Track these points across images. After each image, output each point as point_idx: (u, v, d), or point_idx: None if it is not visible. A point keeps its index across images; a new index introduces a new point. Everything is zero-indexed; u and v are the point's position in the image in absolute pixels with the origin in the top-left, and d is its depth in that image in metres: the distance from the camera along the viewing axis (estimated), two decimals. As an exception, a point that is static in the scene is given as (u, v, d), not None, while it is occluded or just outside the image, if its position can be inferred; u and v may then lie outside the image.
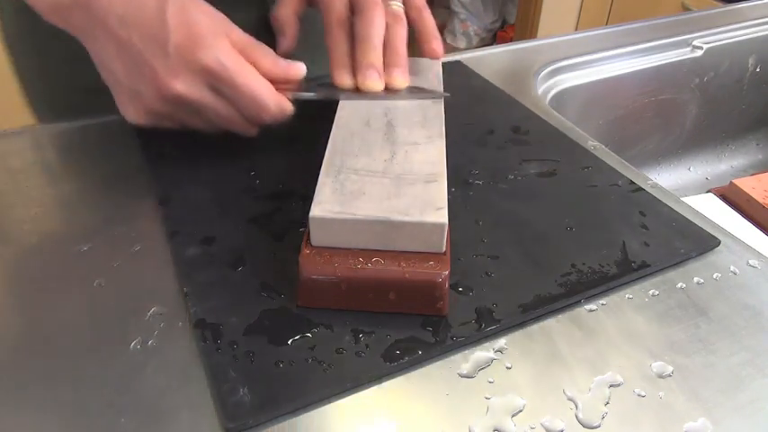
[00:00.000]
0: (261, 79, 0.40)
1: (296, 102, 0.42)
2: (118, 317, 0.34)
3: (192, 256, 0.38)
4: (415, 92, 0.45)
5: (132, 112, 0.41)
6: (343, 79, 0.43)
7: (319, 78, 0.45)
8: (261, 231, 0.40)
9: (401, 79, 0.44)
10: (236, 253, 0.38)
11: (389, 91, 0.44)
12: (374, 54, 0.43)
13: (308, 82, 0.43)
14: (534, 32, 2.25)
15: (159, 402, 0.30)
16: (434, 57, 0.48)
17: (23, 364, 0.32)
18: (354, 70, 0.43)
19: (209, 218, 0.41)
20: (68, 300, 0.35)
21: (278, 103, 0.41)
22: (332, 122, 0.41)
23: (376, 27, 0.43)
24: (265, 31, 0.59)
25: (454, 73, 0.60)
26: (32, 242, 0.40)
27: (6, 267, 0.38)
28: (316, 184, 0.35)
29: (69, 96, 0.57)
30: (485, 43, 2.58)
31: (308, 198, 0.34)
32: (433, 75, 0.48)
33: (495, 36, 2.63)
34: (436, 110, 0.43)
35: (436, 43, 0.48)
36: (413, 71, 0.46)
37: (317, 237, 0.33)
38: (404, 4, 0.48)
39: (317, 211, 0.33)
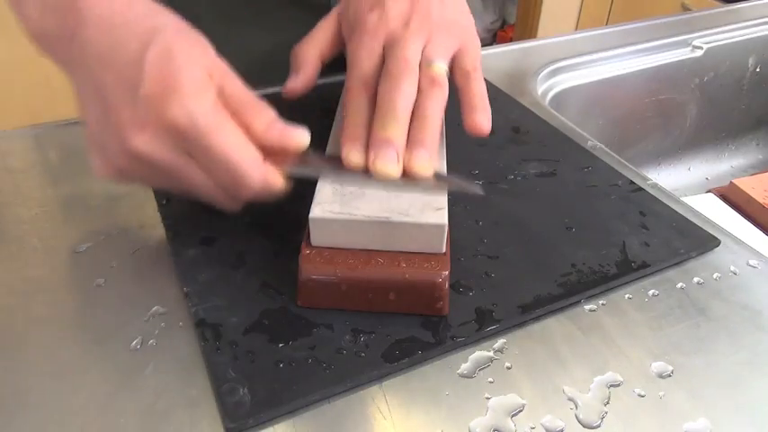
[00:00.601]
0: (245, 146, 0.32)
1: (292, 177, 0.34)
2: (118, 317, 0.34)
3: (191, 256, 0.38)
4: (443, 182, 0.35)
5: (98, 165, 0.35)
6: (352, 156, 0.34)
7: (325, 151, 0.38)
8: (261, 231, 0.40)
9: (424, 163, 0.34)
10: (236, 253, 0.38)
11: (409, 177, 0.34)
12: (394, 127, 0.34)
13: (313, 152, 0.34)
14: (534, 32, 2.25)
15: (159, 402, 0.30)
16: (478, 133, 0.38)
17: (23, 364, 0.32)
18: (368, 145, 0.34)
19: (209, 218, 0.41)
20: (68, 300, 0.35)
21: (263, 178, 0.32)
22: (332, 122, 0.41)
23: (402, 91, 0.35)
24: (260, 62, 0.53)
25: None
26: (32, 242, 0.40)
27: (6, 267, 0.38)
28: (316, 184, 0.35)
29: None
30: (485, 43, 2.57)
31: (308, 198, 0.34)
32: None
33: (495, 36, 2.63)
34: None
35: (481, 116, 0.38)
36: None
37: (317, 237, 0.34)
38: (451, 65, 0.39)
39: (317, 211, 0.33)
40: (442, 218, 0.33)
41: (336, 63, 0.43)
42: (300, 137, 0.33)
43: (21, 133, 0.50)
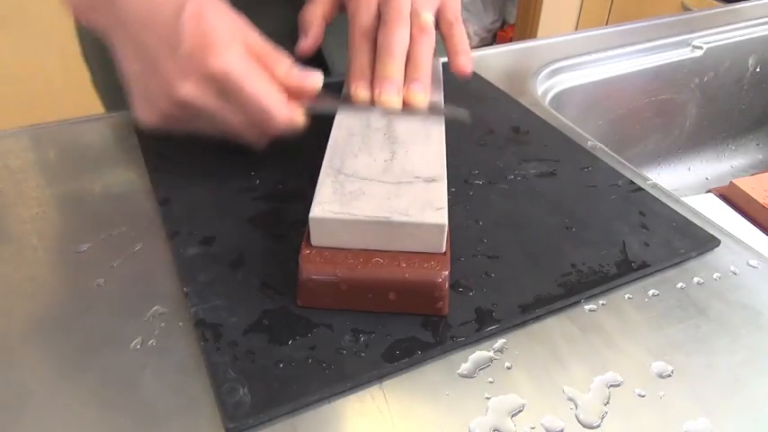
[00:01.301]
0: (271, 88, 0.38)
1: (311, 114, 0.40)
2: (118, 317, 0.34)
3: (191, 256, 0.38)
4: (436, 111, 0.42)
5: (145, 113, 0.40)
6: (359, 92, 0.41)
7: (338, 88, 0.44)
8: (261, 231, 0.40)
9: (420, 95, 0.41)
10: (236, 253, 0.38)
11: (408, 107, 0.41)
12: (393, 66, 0.41)
13: (326, 92, 0.41)
14: (534, 32, 2.25)
15: (159, 402, 0.30)
16: (462, 73, 0.45)
17: (23, 364, 0.32)
18: (372, 83, 0.41)
19: (209, 218, 0.41)
20: (68, 300, 0.35)
21: (287, 115, 0.39)
22: (332, 122, 0.41)
23: (398, 38, 0.41)
24: (289, 37, 0.59)
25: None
26: (32, 242, 0.40)
27: (6, 267, 0.38)
28: (316, 184, 0.35)
29: None
30: (485, 43, 2.58)
31: (308, 198, 0.34)
32: (433, 75, 0.47)
33: (495, 36, 2.63)
34: (437, 111, 0.43)
35: (464, 58, 0.45)
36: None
37: (317, 237, 0.34)
38: (436, 17, 0.45)
39: (317, 211, 0.33)
40: (442, 218, 0.33)
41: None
42: (315, 79, 0.39)
43: (21, 133, 0.50)
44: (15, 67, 1.38)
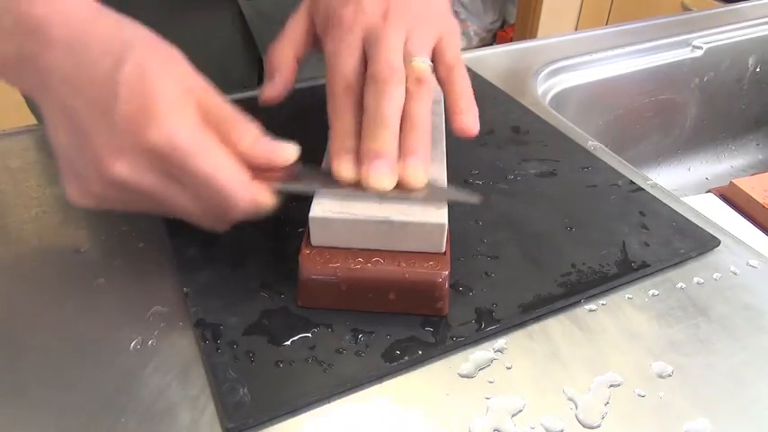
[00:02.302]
0: (230, 166, 0.30)
1: (282, 193, 0.33)
2: (118, 317, 0.34)
3: (191, 256, 0.38)
4: (438, 195, 0.34)
5: (74, 193, 0.32)
6: (342, 171, 0.33)
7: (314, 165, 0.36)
8: (261, 231, 0.40)
9: (419, 173, 0.33)
10: (236, 253, 0.38)
11: (404, 190, 0.33)
12: (384, 137, 0.32)
13: (304, 166, 0.34)
14: (534, 32, 2.25)
15: (159, 402, 0.30)
16: (466, 134, 0.36)
17: (23, 363, 0.32)
18: (359, 157, 0.33)
19: (209, 218, 0.41)
20: (68, 300, 0.35)
21: (251, 198, 0.31)
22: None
23: (391, 101, 0.33)
24: (238, 30, 0.56)
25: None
26: (32, 242, 0.40)
27: (6, 267, 0.38)
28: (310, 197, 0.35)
29: None
30: (485, 43, 2.58)
31: (308, 198, 0.34)
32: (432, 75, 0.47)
33: (495, 36, 2.63)
34: (436, 110, 0.43)
35: (468, 118, 0.36)
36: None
37: (317, 237, 0.34)
38: (433, 58, 0.36)
39: (317, 211, 0.33)
40: (442, 217, 0.33)
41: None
42: (288, 152, 0.32)
43: (21, 133, 0.50)
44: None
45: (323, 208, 0.33)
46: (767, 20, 0.77)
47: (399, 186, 0.33)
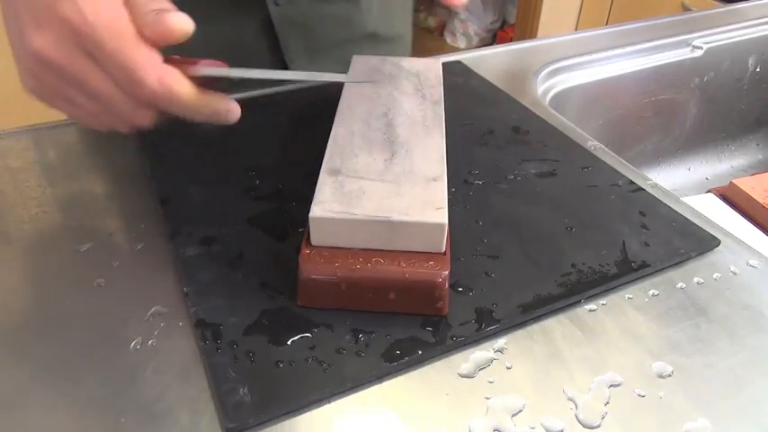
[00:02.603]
0: (139, 44, 0.30)
1: (201, 77, 0.32)
2: (118, 317, 0.34)
3: (191, 256, 0.38)
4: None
5: (22, 77, 0.33)
6: None
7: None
8: (261, 231, 0.40)
9: None
10: (236, 253, 0.38)
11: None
12: None
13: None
14: (534, 32, 2.24)
15: (159, 402, 0.30)
16: (457, 6, 0.40)
17: (23, 363, 0.32)
18: None
19: (209, 218, 0.41)
20: (68, 300, 0.35)
21: (160, 76, 0.30)
22: (332, 122, 0.41)
23: None
24: (266, 33, 0.59)
25: (454, 73, 0.60)
26: (32, 242, 0.40)
27: (6, 267, 0.38)
28: (316, 184, 0.35)
29: None
30: (485, 43, 2.58)
31: (307, 198, 0.34)
32: (433, 75, 0.47)
33: (495, 36, 2.63)
34: (436, 110, 0.43)
35: None
36: (413, 70, 0.44)
37: (317, 237, 0.34)
38: None
39: (317, 211, 0.33)
40: (442, 217, 0.33)
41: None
42: (179, 20, 0.30)
43: (21, 133, 0.50)
44: (15, 68, 1.37)
45: (323, 208, 0.33)
46: (767, 20, 0.77)
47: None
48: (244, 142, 0.45)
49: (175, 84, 0.31)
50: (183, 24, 0.30)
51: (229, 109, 0.33)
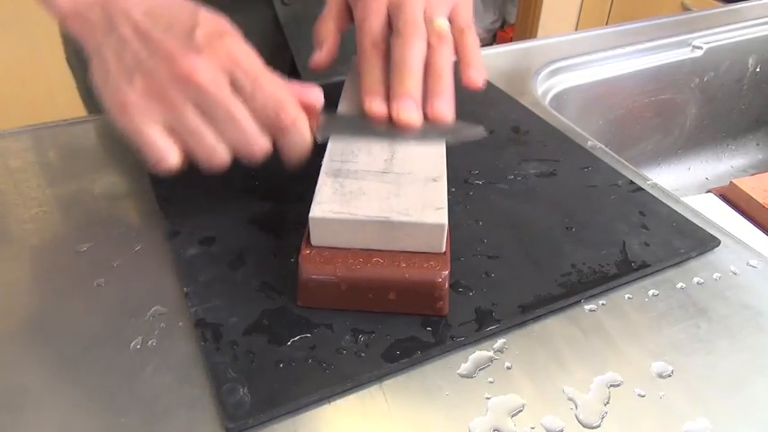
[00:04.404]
0: (286, 88, 0.35)
1: (321, 137, 0.37)
2: (118, 317, 0.34)
3: (191, 256, 0.38)
4: (456, 130, 0.38)
5: (121, 93, 0.34)
6: (374, 106, 0.38)
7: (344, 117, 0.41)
8: (261, 231, 0.40)
9: (445, 110, 0.38)
10: (236, 253, 0.38)
11: (429, 126, 0.38)
12: (411, 81, 0.38)
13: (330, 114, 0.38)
14: (534, 32, 2.25)
15: (159, 402, 0.30)
16: (473, 87, 0.41)
17: (23, 364, 0.32)
18: (389, 101, 0.38)
19: (210, 218, 0.41)
20: (68, 300, 0.35)
21: (296, 117, 0.35)
22: None
23: (414, 49, 0.38)
24: (273, 32, 0.59)
25: (454, 73, 0.60)
26: (32, 242, 0.40)
27: (6, 267, 0.38)
28: (316, 184, 0.35)
29: None
30: (485, 43, 2.58)
31: (307, 198, 0.34)
32: None
33: (495, 36, 2.63)
34: None
35: (475, 72, 0.41)
36: None
37: (317, 237, 0.34)
38: (450, 22, 0.42)
39: (317, 211, 0.33)
40: (442, 217, 0.33)
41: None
42: (317, 93, 0.37)
43: (21, 133, 0.50)
44: (15, 67, 1.37)
45: (323, 208, 0.33)
46: (767, 20, 0.77)
47: (427, 122, 0.38)
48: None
49: (307, 129, 0.36)
50: (319, 95, 0.37)
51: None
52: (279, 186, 0.44)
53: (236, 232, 0.40)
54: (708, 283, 0.38)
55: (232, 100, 0.34)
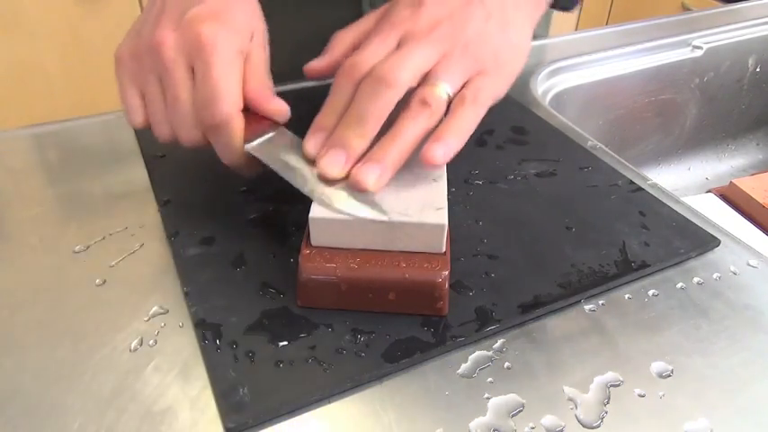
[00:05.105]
0: (234, 86, 0.34)
1: (249, 150, 0.35)
2: (118, 317, 0.34)
3: (191, 256, 0.38)
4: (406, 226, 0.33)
5: (124, 51, 0.38)
6: (309, 145, 0.34)
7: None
8: (261, 231, 0.40)
9: (368, 179, 0.32)
10: (236, 253, 0.38)
11: (353, 185, 0.33)
12: (355, 132, 0.33)
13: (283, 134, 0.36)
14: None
15: (159, 402, 0.30)
16: (425, 162, 0.33)
17: (23, 364, 0.32)
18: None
19: (210, 218, 0.41)
20: (68, 300, 0.35)
21: (229, 112, 0.34)
22: None
23: (378, 100, 0.33)
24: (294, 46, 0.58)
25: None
26: (32, 242, 0.40)
27: (6, 267, 0.38)
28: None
29: None
30: (485, 43, 2.58)
31: (308, 198, 0.34)
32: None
33: (495, 36, 2.62)
34: None
35: (436, 145, 0.33)
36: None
37: (317, 237, 0.34)
38: (462, 87, 0.36)
39: (317, 211, 0.33)
40: (442, 217, 0.33)
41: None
42: (281, 107, 0.36)
43: (21, 133, 0.50)
44: (15, 67, 1.38)
45: (323, 208, 0.33)
46: (767, 20, 0.77)
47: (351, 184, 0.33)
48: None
49: (234, 135, 0.35)
50: (280, 108, 0.36)
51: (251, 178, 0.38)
52: (279, 186, 0.44)
53: (236, 232, 0.40)
54: (708, 283, 0.38)
55: (181, 82, 0.35)
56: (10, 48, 1.35)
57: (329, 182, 0.33)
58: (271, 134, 0.36)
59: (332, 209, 0.33)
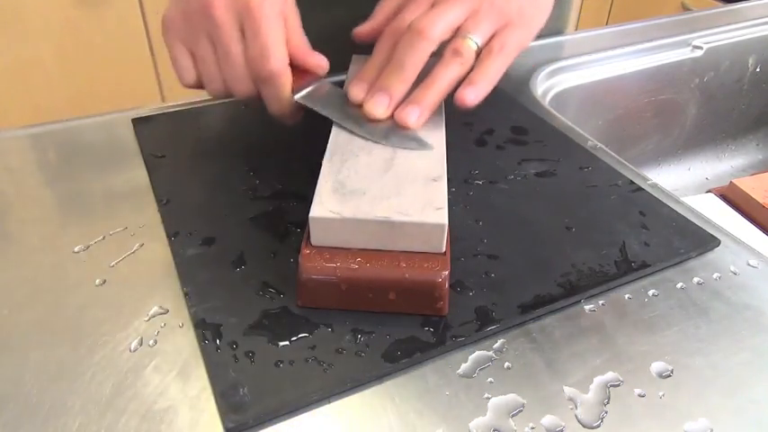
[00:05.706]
0: (281, 42, 0.39)
1: (300, 99, 0.41)
2: (118, 317, 0.34)
3: (191, 256, 0.38)
4: (413, 140, 0.38)
5: (170, 11, 0.41)
6: (353, 90, 0.40)
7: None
8: (261, 231, 0.40)
9: (410, 117, 0.38)
10: (236, 253, 0.38)
11: (394, 127, 0.39)
12: (394, 80, 0.39)
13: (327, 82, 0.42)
14: (534, 32, 2.24)
15: (159, 402, 0.30)
16: (458, 103, 0.39)
17: (23, 364, 0.32)
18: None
19: (210, 218, 0.41)
20: (68, 300, 0.35)
21: (279, 67, 0.39)
22: (332, 121, 0.41)
23: (417, 52, 0.38)
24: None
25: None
26: (32, 242, 0.40)
27: (6, 267, 0.38)
28: (316, 184, 0.35)
29: None
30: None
31: (307, 198, 0.34)
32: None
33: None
34: (437, 109, 0.43)
35: (469, 88, 0.39)
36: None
37: (317, 237, 0.34)
38: (489, 40, 0.41)
39: (316, 211, 0.33)
40: (442, 217, 0.33)
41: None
42: (321, 60, 0.41)
43: (21, 133, 0.50)
44: (15, 67, 1.38)
45: (323, 208, 0.33)
46: (767, 20, 0.77)
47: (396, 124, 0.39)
48: (244, 142, 0.45)
49: (284, 86, 0.40)
50: (320, 62, 0.41)
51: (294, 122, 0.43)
52: (279, 186, 0.44)
53: (236, 232, 0.40)
54: (708, 283, 0.38)
55: (233, 39, 0.39)
56: (10, 47, 1.35)
57: (372, 121, 0.39)
58: (315, 85, 0.41)
59: (332, 210, 0.33)
